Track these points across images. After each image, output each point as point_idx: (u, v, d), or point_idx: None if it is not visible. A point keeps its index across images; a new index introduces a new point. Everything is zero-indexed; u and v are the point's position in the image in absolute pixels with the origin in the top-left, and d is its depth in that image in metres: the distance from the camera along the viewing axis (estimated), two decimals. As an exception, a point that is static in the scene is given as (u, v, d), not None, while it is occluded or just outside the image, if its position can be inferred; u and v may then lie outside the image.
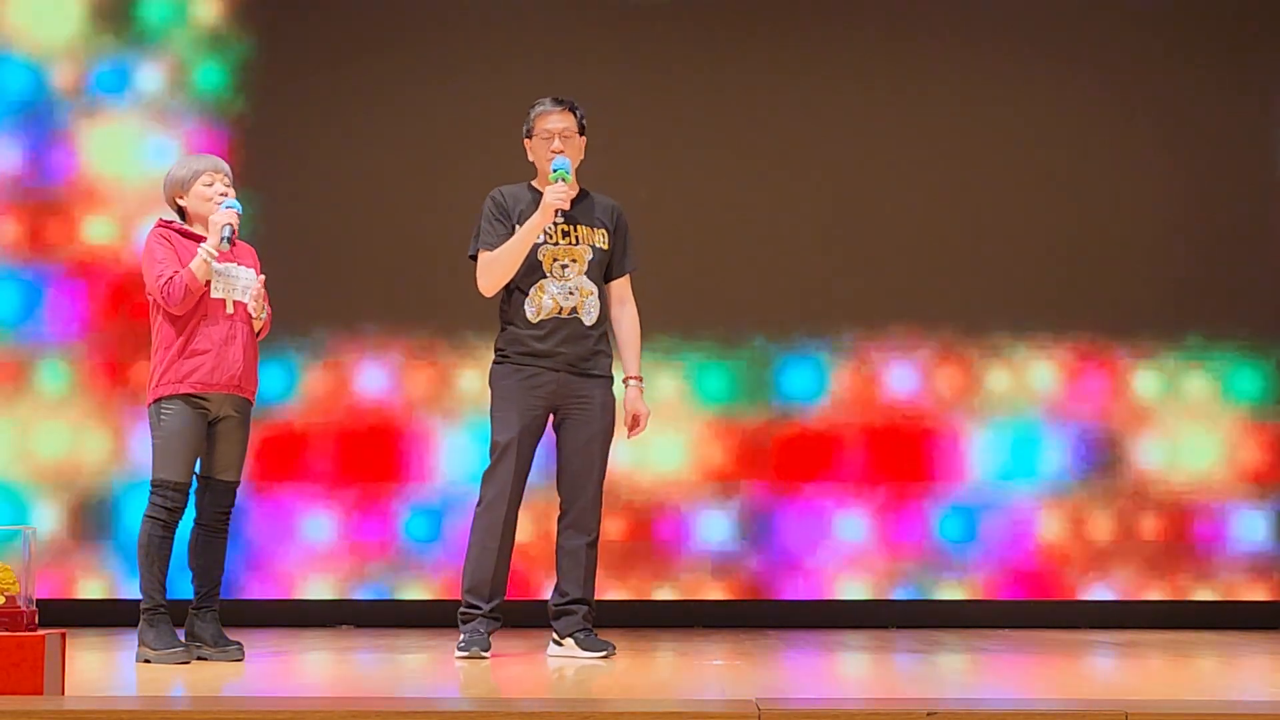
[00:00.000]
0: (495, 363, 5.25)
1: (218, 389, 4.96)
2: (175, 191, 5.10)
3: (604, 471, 5.24)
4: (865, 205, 7.33)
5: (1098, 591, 7.17)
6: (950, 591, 7.15)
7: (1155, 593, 7.16)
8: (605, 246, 5.27)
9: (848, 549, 7.15)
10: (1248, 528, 7.20)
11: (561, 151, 5.17)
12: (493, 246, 5.16)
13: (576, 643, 5.15)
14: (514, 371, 5.17)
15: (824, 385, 7.21)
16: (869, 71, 7.40)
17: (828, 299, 7.27)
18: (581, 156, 5.30)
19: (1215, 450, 7.22)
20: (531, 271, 5.17)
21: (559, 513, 5.25)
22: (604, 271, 5.28)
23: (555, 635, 5.23)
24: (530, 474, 5.24)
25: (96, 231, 7.16)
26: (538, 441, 5.23)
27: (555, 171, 5.12)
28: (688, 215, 7.28)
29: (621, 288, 5.35)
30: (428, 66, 7.33)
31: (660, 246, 7.29)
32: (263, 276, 5.12)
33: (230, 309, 5.01)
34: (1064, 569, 7.16)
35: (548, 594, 5.35)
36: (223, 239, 4.91)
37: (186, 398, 4.93)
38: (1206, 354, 7.25)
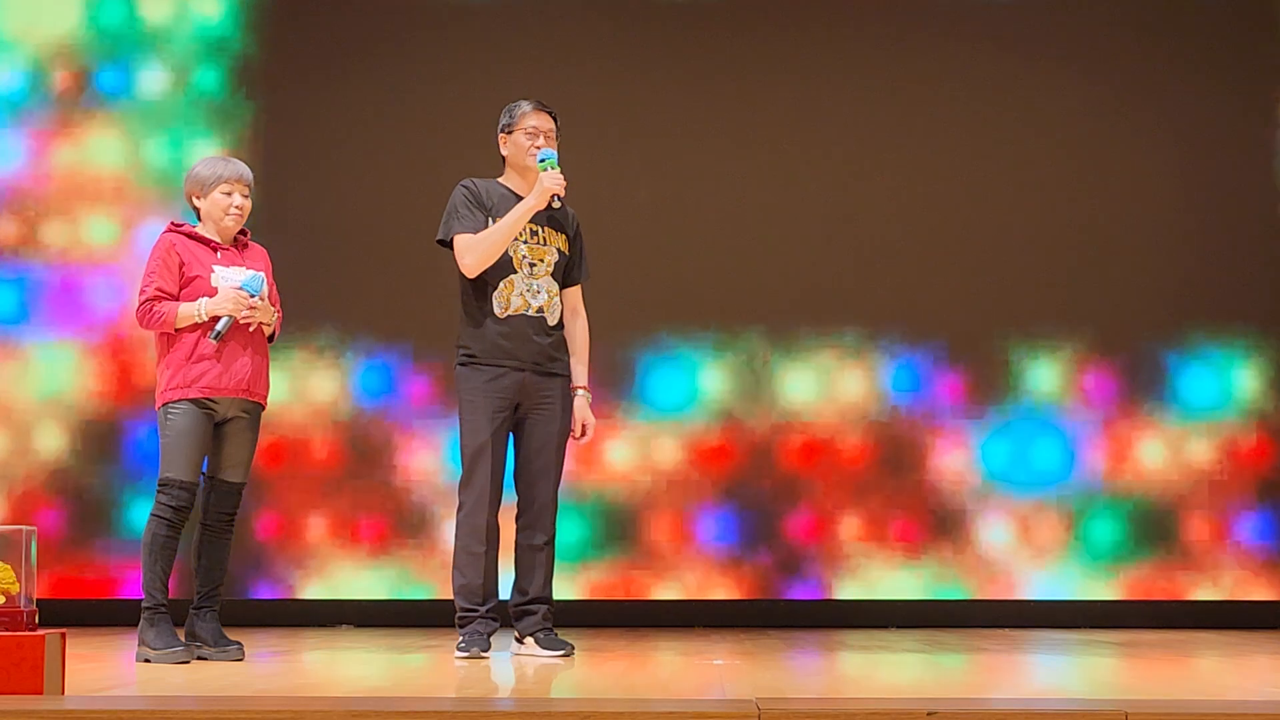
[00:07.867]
0: (460, 364, 5.23)
1: (226, 393, 4.97)
2: (194, 190, 5.10)
3: (561, 471, 5.26)
4: (864, 206, 7.33)
5: (1098, 591, 7.17)
6: (951, 592, 7.16)
7: (1156, 593, 7.16)
8: (567, 251, 5.29)
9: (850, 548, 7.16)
10: (1248, 527, 7.19)
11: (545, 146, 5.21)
12: (472, 231, 5.16)
13: (537, 642, 5.18)
14: (479, 374, 5.16)
15: (825, 386, 7.23)
16: (869, 73, 7.40)
17: (827, 299, 7.27)
18: None
19: (1215, 449, 7.23)
20: (501, 267, 5.17)
21: (517, 510, 5.24)
22: (563, 277, 5.30)
23: (516, 634, 5.26)
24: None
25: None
26: (509, 442, 5.23)
27: (544, 160, 5.13)
28: (685, 215, 7.29)
29: (574, 297, 5.35)
30: (428, 67, 7.33)
31: (659, 246, 7.30)
32: (265, 279, 5.11)
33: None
34: (1065, 569, 7.18)
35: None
36: (217, 333, 4.91)
37: (195, 400, 4.94)
38: (1209, 352, 7.26)
